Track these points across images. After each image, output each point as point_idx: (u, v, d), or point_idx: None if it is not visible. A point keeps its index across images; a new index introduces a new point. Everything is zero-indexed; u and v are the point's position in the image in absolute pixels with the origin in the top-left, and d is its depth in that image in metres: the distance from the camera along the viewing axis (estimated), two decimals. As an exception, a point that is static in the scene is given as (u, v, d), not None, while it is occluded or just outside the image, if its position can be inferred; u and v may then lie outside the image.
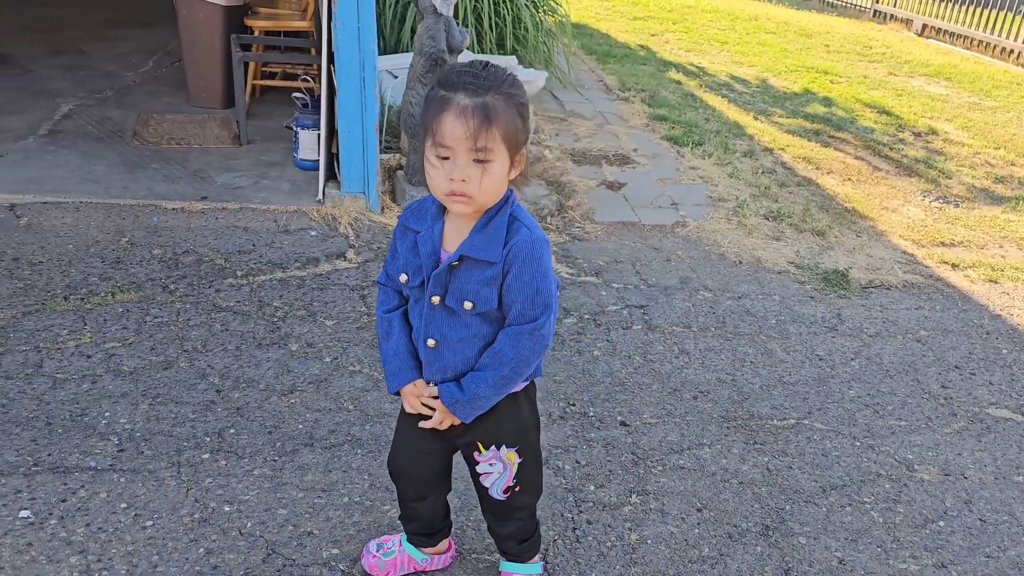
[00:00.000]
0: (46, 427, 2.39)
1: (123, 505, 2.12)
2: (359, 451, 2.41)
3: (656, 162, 5.18)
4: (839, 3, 13.23)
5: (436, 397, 1.63)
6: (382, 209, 3.99)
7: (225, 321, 3.03)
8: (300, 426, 2.50)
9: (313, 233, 3.74)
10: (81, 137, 4.48)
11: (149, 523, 2.08)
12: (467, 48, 4.09)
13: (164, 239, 3.56)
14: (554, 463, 2.46)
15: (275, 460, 2.34)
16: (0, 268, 3.22)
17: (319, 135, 4.18)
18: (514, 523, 1.87)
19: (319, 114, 4.14)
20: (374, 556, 2.00)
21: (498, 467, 1.73)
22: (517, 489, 1.77)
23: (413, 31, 5.75)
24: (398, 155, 4.55)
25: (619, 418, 2.72)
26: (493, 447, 1.71)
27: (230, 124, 4.82)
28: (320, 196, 3.97)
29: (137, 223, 3.66)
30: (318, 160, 4.19)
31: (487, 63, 1.48)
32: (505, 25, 6.01)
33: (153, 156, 4.31)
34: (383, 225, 3.88)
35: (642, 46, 8.97)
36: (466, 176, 1.43)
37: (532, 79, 5.10)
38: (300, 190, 4.07)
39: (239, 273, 3.36)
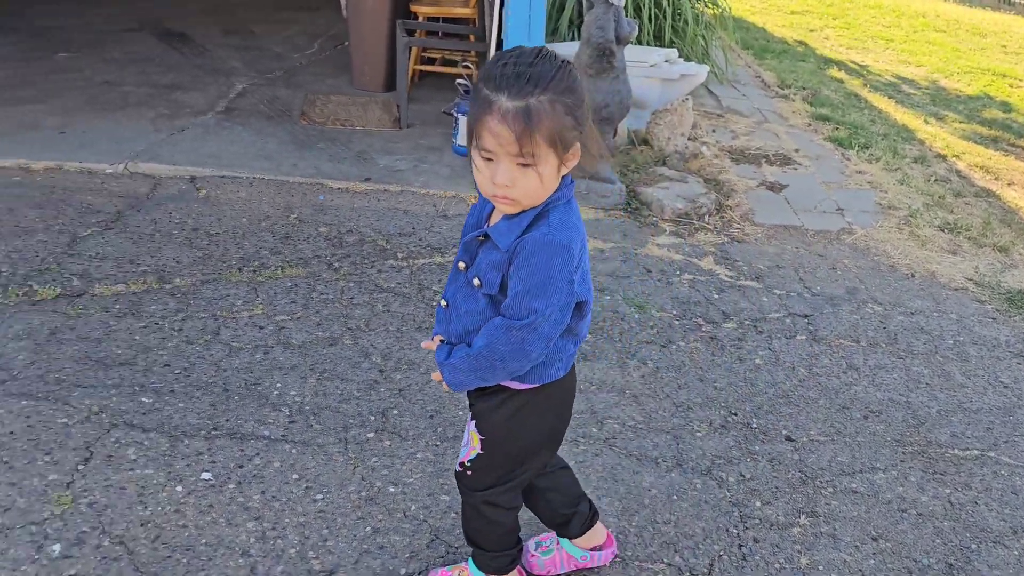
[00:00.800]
0: (223, 393, 2.50)
1: (295, 476, 2.18)
2: (518, 443, 2.40)
3: (819, 164, 4.94)
4: (1018, 1, 12.27)
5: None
6: (538, 199, 3.97)
7: (387, 302, 3.08)
8: (460, 412, 2.51)
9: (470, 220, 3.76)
10: (253, 115, 4.68)
11: (319, 496, 2.13)
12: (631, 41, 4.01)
13: (330, 217, 3.66)
14: (717, 474, 2.37)
15: (437, 445, 2.35)
16: (182, 237, 3.40)
17: (479, 122, 4.19)
18: (464, 505, 1.77)
19: (480, 101, 4.15)
20: (532, 555, 1.98)
21: (466, 437, 1.70)
22: (469, 473, 1.70)
23: (571, 21, 5.71)
24: (554, 145, 4.52)
25: (784, 432, 2.59)
26: (472, 419, 1.67)
27: (391, 108, 4.92)
28: (477, 183, 3.98)
29: (305, 200, 3.79)
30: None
31: (540, 51, 1.38)
32: (665, 18, 5.88)
33: (319, 136, 4.46)
34: (538, 215, 3.86)
35: (800, 41, 8.60)
36: (510, 181, 1.38)
37: (693, 73, 4.95)
38: (458, 176, 4.11)
39: (399, 255, 3.42)
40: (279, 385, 2.57)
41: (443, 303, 1.60)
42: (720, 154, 4.84)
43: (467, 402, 1.70)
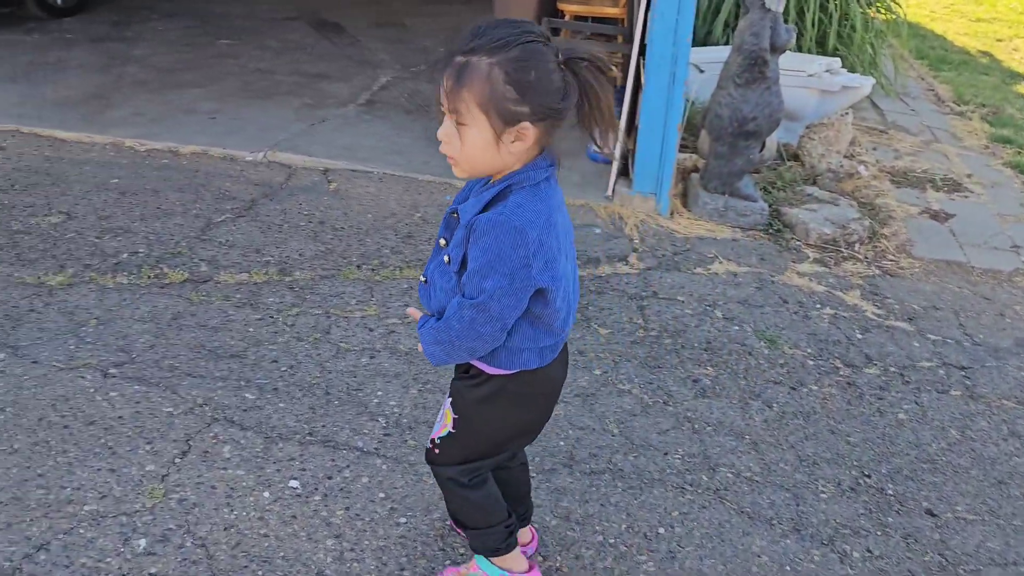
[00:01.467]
0: (324, 396, 2.47)
1: (381, 495, 2.11)
2: (619, 484, 2.23)
3: (995, 193, 4.44)
4: None
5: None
6: (671, 214, 3.76)
7: (500, 313, 2.97)
8: (561, 443, 2.37)
9: (598, 231, 3.60)
10: (393, 108, 4.70)
11: (403, 520, 2.04)
12: (789, 48, 3.71)
13: (453, 219, 3.59)
14: (840, 546, 2.11)
15: (533, 476, 2.22)
16: (308, 229, 3.43)
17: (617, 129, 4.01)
18: (438, 480, 1.75)
19: (619, 106, 3.98)
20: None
21: (440, 414, 1.68)
22: (436, 451, 1.68)
23: (726, 24, 5.41)
24: (695, 156, 4.28)
25: (925, 504, 2.29)
26: (449, 396, 1.66)
27: (529, 107, 4.81)
28: (609, 192, 3.81)
29: (431, 200, 3.74)
30: (611, 154, 4.04)
31: (517, 22, 1.35)
32: (830, 23, 5.46)
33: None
34: (670, 231, 3.65)
35: (984, 52, 7.84)
36: (444, 137, 1.42)
37: (857, 85, 4.57)
38: (589, 183, 3.95)
39: (519, 264, 3.30)
40: (380, 393, 2.51)
41: (423, 278, 1.59)
42: (879, 175, 4.43)
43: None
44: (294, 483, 2.12)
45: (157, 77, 5.03)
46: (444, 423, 1.66)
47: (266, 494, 2.08)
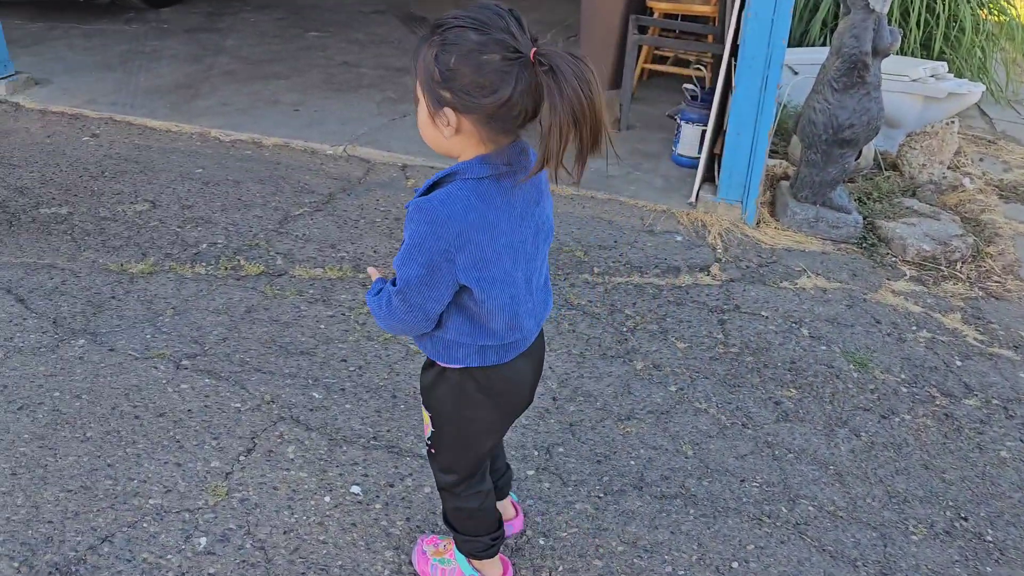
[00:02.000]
0: (391, 399, 2.42)
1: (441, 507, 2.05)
2: (692, 511, 2.12)
3: (1115, 212, 4.11)
4: None
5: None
6: (757, 223, 3.60)
7: (573, 320, 2.88)
8: (632, 462, 2.27)
9: (679, 238, 3.47)
10: (474, 105, 4.64)
11: (464, 535, 1.98)
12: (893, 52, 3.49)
13: (530, 221, 3.52)
14: (931, 594, 1.96)
15: (599, 497, 2.13)
16: (383, 226, 3.40)
17: (703, 132, 3.87)
18: (437, 483, 1.75)
19: (707, 108, 3.83)
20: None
21: (424, 416, 1.65)
22: (432, 451, 1.67)
23: (824, 23, 5.17)
24: (784, 163, 4.09)
25: (1027, 553, 2.10)
26: (422, 391, 1.63)
27: (613, 107, 4.69)
28: (692, 198, 3.67)
29: (508, 200, 3.67)
30: (697, 158, 3.90)
31: (486, 6, 1.25)
32: (936, 25, 5.17)
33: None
34: (755, 241, 3.49)
35: (1107, 58, 7.31)
36: (415, 107, 1.36)
37: (964, 92, 4.29)
38: (672, 188, 3.82)
39: (595, 270, 3.20)
40: (447, 399, 2.45)
41: None
42: (986, 188, 4.16)
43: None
44: (356, 489, 2.08)
45: (245, 68, 5.10)
46: (426, 422, 1.65)
47: (327, 499, 2.05)
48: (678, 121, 3.99)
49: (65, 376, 2.40)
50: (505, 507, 1.93)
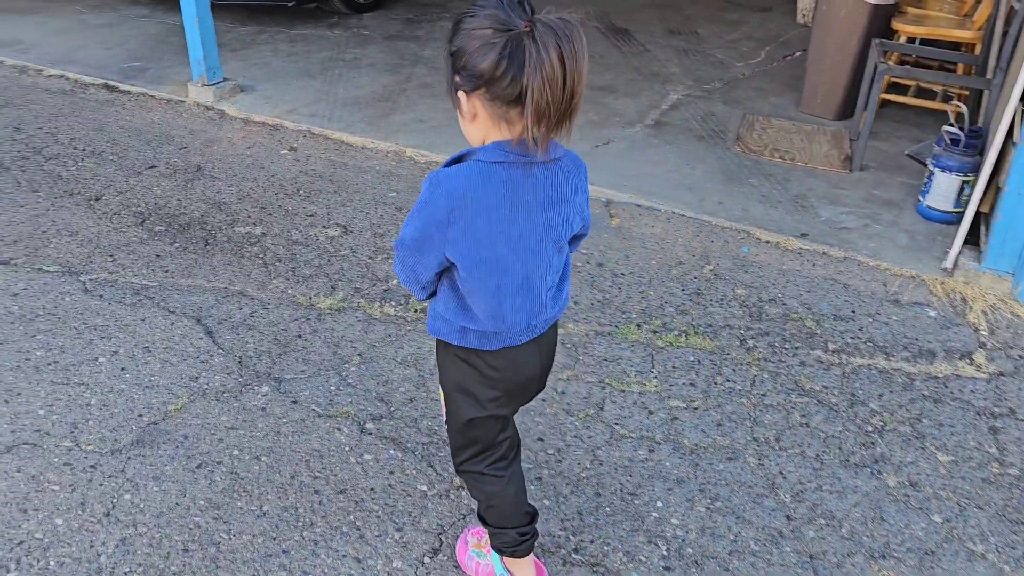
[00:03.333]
0: (594, 497, 2.08)
1: None
2: None
3: None
4: None
5: None
6: (1033, 301, 2.98)
7: (806, 411, 2.44)
8: (894, 624, 1.81)
9: (931, 313, 2.92)
10: (684, 133, 4.23)
11: None
12: None
13: (751, 277, 3.08)
14: None
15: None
16: (585, 272, 3.07)
17: (963, 183, 3.27)
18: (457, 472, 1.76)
19: (970, 155, 3.24)
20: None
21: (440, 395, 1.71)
22: (448, 433, 1.70)
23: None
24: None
25: None
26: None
27: (842, 141, 4.14)
28: (948, 264, 3.10)
29: (725, 250, 3.24)
30: (952, 213, 3.31)
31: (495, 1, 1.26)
32: None
33: (752, 168, 3.86)
34: (1031, 324, 2.88)
35: None
36: None
37: None
38: (920, 248, 3.25)
39: (831, 346, 2.72)
40: (659, 504, 2.09)
41: None
42: None
43: None
44: (555, 621, 1.76)
45: (441, 81, 4.92)
46: (441, 402, 1.67)
47: (522, 630, 1.73)
48: (931, 168, 3.40)
49: (246, 430, 2.23)
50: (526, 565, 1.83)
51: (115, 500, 2.00)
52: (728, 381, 2.55)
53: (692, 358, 2.65)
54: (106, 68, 4.98)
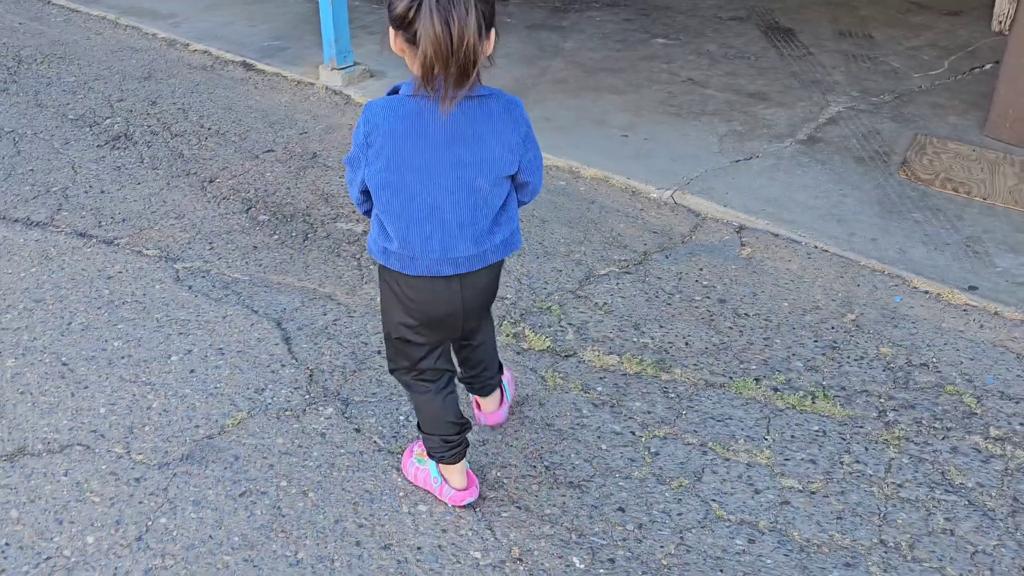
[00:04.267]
0: (674, 594, 1.77)
1: None
2: None
3: None
4: None
5: None
6: None
7: (953, 513, 2.00)
8: None
9: None
10: (840, 152, 3.74)
11: None
12: None
13: (900, 333, 2.62)
14: None
15: None
16: (703, 308, 2.72)
17: None
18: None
19: None
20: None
21: None
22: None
23: None
24: None
25: None
26: None
27: (1033, 176, 3.54)
28: None
29: (872, 297, 2.79)
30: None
31: None
32: None
33: (917, 200, 3.34)
34: None
35: None
36: None
37: None
38: (1123, 317, 2.68)
39: (992, 432, 2.26)
40: (753, 613, 1.74)
41: None
42: None
43: None
44: None
45: (578, 76, 4.63)
46: None
47: None
48: None
49: (300, 458, 2.06)
50: (486, 402, 2.11)
51: (150, 522, 1.87)
52: (858, 462, 2.15)
53: (817, 427, 2.25)
54: (248, 45, 5.00)
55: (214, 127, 3.97)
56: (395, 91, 1.55)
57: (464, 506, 1.91)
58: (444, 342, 1.79)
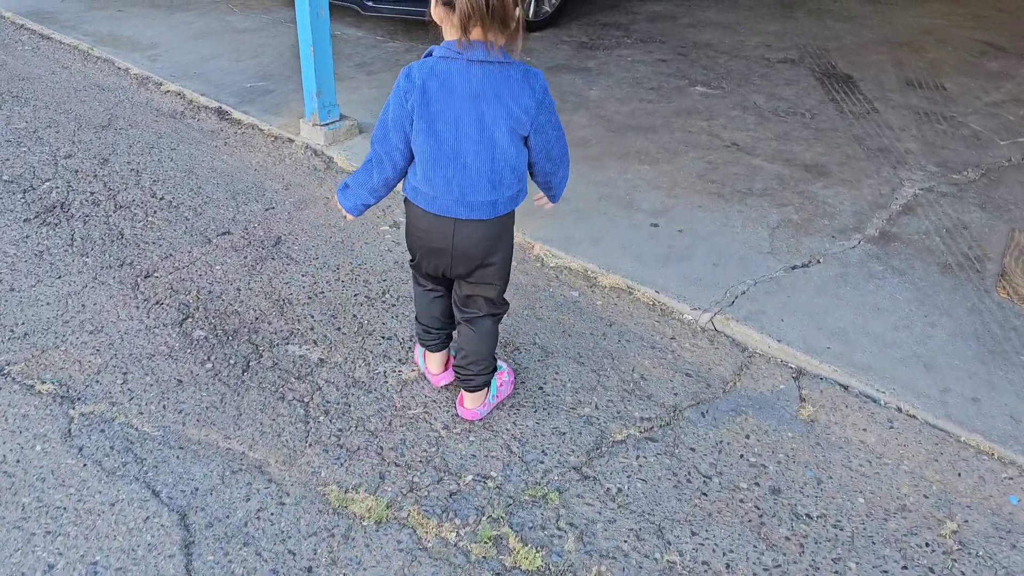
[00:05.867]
0: None
1: None
2: None
3: None
4: None
5: None
6: None
7: None
8: None
9: None
10: (921, 256, 3.03)
11: None
12: None
13: (1019, 560, 1.92)
14: None
15: None
16: (750, 504, 2.03)
17: None
18: None
19: None
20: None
21: None
22: None
23: None
24: None
25: None
26: None
27: None
28: None
29: (980, 493, 2.09)
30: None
31: None
32: None
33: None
34: None
35: None
36: None
37: None
38: None
39: None
40: None
41: None
42: None
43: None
44: None
45: (604, 136, 3.96)
46: None
47: None
48: None
49: None
50: (473, 399, 2.22)
51: None
52: None
53: None
54: (227, 87, 4.39)
55: (168, 196, 3.35)
56: (429, 54, 1.80)
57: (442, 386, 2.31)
58: (438, 271, 2.02)
